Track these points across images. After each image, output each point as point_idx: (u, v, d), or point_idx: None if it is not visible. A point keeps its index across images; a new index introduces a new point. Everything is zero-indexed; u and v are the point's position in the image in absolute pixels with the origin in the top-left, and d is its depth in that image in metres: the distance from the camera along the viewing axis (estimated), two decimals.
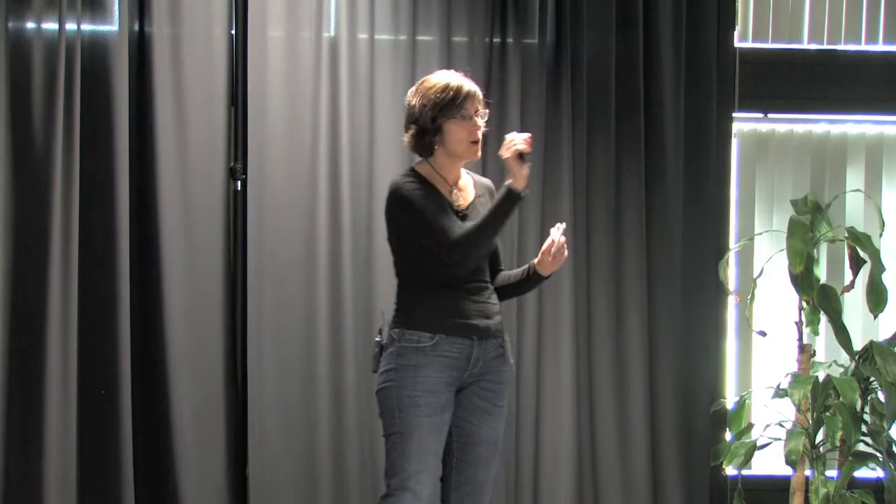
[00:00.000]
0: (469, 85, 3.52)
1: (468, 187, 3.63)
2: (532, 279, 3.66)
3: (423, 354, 3.46)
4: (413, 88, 3.58)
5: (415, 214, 3.46)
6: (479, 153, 3.58)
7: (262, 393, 4.73)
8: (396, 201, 3.51)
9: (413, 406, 3.44)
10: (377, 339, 3.54)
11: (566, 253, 3.57)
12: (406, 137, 3.56)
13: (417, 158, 3.64)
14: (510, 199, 3.43)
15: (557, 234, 3.52)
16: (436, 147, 3.53)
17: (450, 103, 3.48)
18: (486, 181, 3.74)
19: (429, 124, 3.49)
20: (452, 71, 3.61)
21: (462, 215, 3.54)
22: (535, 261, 3.60)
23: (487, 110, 3.57)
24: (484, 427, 3.58)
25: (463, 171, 3.63)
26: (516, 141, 3.47)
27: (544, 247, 3.54)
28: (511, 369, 3.67)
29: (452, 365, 3.51)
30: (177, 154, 4.67)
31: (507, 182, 3.44)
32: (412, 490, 3.43)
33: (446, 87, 3.49)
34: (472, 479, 3.58)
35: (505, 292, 3.71)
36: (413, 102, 3.53)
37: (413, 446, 3.44)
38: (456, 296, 3.52)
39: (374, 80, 4.80)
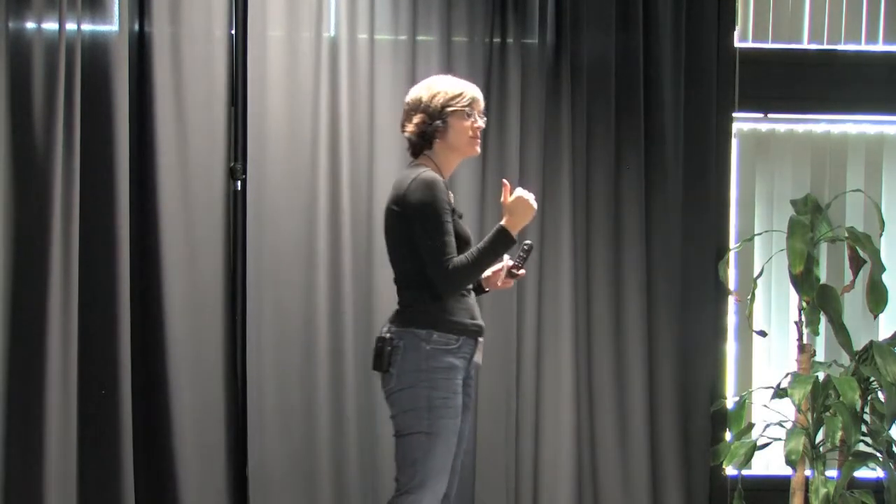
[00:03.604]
0: (477, 91, 3.66)
1: None
2: (476, 289, 3.74)
3: (452, 356, 3.50)
4: (422, 85, 3.65)
5: (432, 224, 3.47)
6: (479, 149, 3.69)
7: (262, 393, 4.73)
8: (424, 200, 3.48)
9: (444, 408, 3.47)
10: (387, 336, 3.53)
11: (511, 284, 3.73)
12: (409, 127, 3.61)
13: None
14: (504, 240, 3.50)
15: (510, 262, 3.66)
16: (436, 139, 3.59)
17: (459, 99, 3.59)
18: None
19: (437, 114, 3.57)
20: (453, 76, 3.74)
21: (459, 215, 3.61)
22: (485, 274, 3.67)
23: (485, 117, 3.70)
24: (464, 423, 3.63)
25: None
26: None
27: (496, 266, 3.65)
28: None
29: (464, 366, 3.57)
30: (177, 154, 4.67)
31: (502, 222, 3.51)
32: (432, 490, 3.48)
33: (457, 85, 3.64)
34: (456, 469, 3.63)
35: None
36: (422, 96, 3.61)
37: (440, 446, 3.47)
38: (466, 296, 3.60)
39: (374, 80, 4.80)
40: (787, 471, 4.79)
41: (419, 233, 3.48)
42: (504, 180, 3.66)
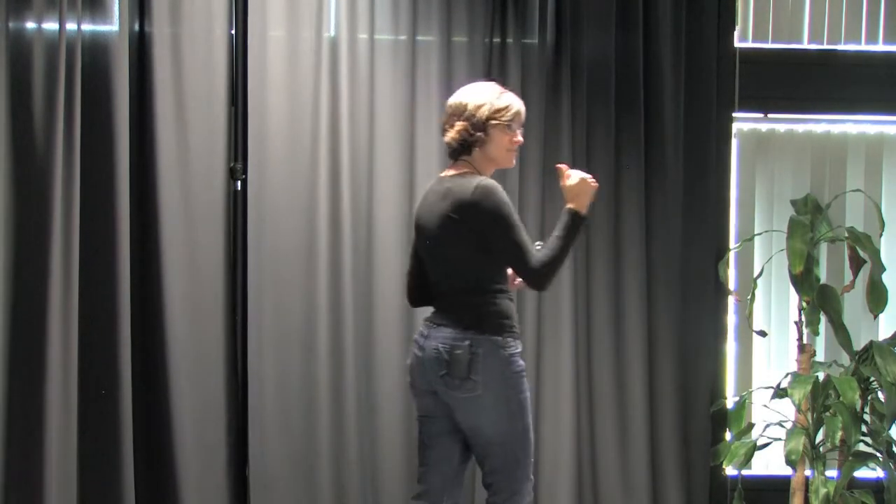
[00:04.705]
0: (522, 104, 3.69)
1: None
2: None
3: (521, 358, 3.58)
4: (469, 91, 3.64)
5: (510, 228, 3.50)
6: (514, 162, 3.74)
7: (263, 393, 4.73)
8: (495, 207, 3.51)
9: (528, 406, 3.60)
10: (465, 343, 3.52)
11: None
12: (451, 133, 3.62)
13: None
14: (579, 221, 3.57)
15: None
16: (475, 148, 3.61)
17: (504, 113, 3.62)
18: None
19: (480, 125, 3.59)
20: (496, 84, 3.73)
21: None
22: None
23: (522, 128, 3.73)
24: None
25: None
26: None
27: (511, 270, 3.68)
28: None
29: None
30: (177, 154, 4.67)
31: (569, 205, 3.58)
32: (531, 480, 3.65)
33: (503, 98, 3.64)
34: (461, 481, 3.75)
35: None
36: (468, 104, 3.61)
37: (530, 440, 3.62)
38: (513, 299, 3.66)
39: (374, 80, 4.80)
40: (787, 471, 4.78)
41: (498, 238, 3.50)
42: (559, 165, 3.69)
